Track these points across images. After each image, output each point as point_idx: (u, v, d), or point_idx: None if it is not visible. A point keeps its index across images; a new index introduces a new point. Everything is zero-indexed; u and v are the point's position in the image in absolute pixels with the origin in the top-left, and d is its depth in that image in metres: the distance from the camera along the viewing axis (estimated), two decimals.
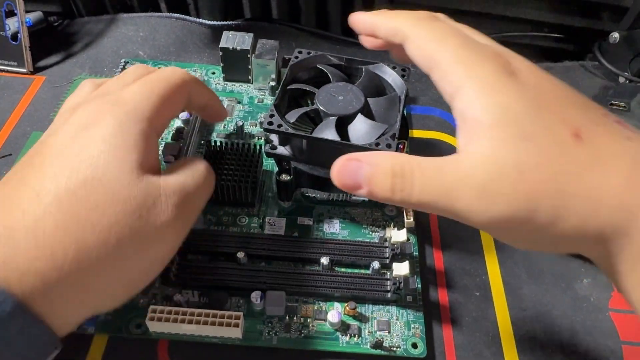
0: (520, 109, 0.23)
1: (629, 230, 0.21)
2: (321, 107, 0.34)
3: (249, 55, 0.45)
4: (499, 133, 0.22)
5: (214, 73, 0.49)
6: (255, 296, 0.33)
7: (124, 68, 0.48)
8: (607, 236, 0.21)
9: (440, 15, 0.30)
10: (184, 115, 0.43)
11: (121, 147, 0.25)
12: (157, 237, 0.26)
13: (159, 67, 0.34)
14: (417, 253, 0.37)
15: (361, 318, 0.33)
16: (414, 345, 0.32)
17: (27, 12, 0.49)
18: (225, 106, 0.46)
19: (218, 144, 0.38)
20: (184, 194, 0.28)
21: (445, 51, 0.26)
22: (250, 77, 0.47)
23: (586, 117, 0.23)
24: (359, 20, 0.31)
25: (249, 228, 0.37)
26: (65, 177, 0.24)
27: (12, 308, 0.21)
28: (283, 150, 0.36)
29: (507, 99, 0.23)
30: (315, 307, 0.34)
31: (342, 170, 0.25)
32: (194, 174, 0.29)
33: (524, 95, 0.23)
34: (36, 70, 0.49)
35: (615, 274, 0.22)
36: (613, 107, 0.50)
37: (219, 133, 0.44)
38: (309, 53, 0.38)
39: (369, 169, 0.24)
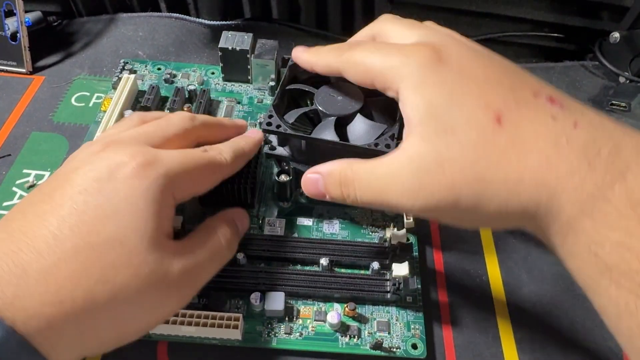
0: (443, 102, 0.24)
1: (551, 207, 0.22)
2: (320, 108, 0.34)
3: (248, 56, 0.45)
4: (423, 130, 0.25)
5: (213, 73, 0.49)
6: (255, 297, 0.32)
7: (123, 68, 0.48)
8: (531, 214, 0.23)
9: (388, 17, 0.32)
10: None
11: (144, 213, 0.26)
12: (161, 302, 0.27)
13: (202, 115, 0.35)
14: (417, 253, 0.37)
15: (361, 319, 0.33)
16: (414, 346, 0.32)
17: (26, 12, 0.49)
18: (224, 106, 0.46)
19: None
20: (194, 269, 0.28)
21: (374, 66, 0.27)
22: (249, 77, 0.47)
23: (511, 99, 0.24)
24: (300, 60, 0.34)
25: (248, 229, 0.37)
26: (87, 231, 0.24)
27: (16, 346, 0.22)
28: (282, 150, 0.36)
29: (431, 93, 0.25)
30: (315, 308, 0.34)
31: (306, 182, 0.30)
32: (209, 249, 0.29)
33: (448, 85, 0.25)
34: (35, 70, 0.49)
35: (550, 245, 0.24)
36: (613, 107, 0.50)
37: None
38: None
39: (324, 179, 0.29)
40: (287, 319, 0.33)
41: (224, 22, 0.55)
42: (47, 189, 0.26)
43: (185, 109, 0.44)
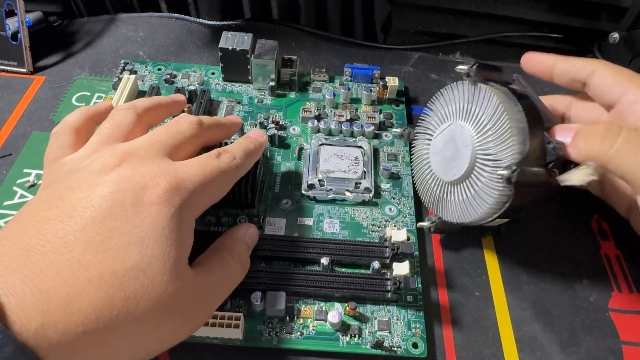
0: None
1: None
2: None
3: (248, 56, 0.46)
4: None
5: (213, 73, 0.49)
6: (256, 297, 0.33)
7: (123, 68, 0.48)
8: None
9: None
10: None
11: (168, 241, 0.25)
12: (176, 329, 0.27)
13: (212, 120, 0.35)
14: (417, 253, 0.37)
15: (361, 318, 0.33)
16: (415, 345, 0.32)
17: (27, 12, 0.49)
18: (224, 107, 0.46)
19: (218, 144, 0.38)
20: (210, 296, 0.28)
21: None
22: (249, 78, 0.47)
23: None
24: (535, 60, 0.37)
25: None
26: (112, 258, 0.24)
27: None
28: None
29: None
30: (316, 308, 0.34)
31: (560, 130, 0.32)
32: (224, 273, 0.30)
33: None
34: (36, 70, 0.49)
35: None
36: None
37: None
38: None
39: (585, 129, 0.31)
40: (288, 318, 0.33)
41: (224, 22, 0.56)
42: (61, 204, 0.25)
43: (186, 109, 0.44)
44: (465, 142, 0.33)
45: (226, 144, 0.37)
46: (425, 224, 0.37)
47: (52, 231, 0.24)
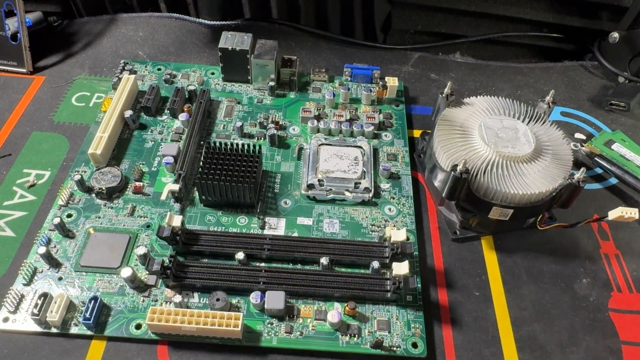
0: None
1: None
2: None
3: (248, 56, 0.46)
4: None
5: (213, 73, 0.49)
6: (255, 296, 0.33)
7: (123, 68, 0.48)
8: None
9: None
10: (183, 116, 0.43)
11: None
12: None
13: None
14: (417, 253, 0.37)
15: (361, 318, 0.33)
16: (414, 345, 0.32)
17: (26, 12, 0.49)
18: (224, 107, 0.46)
19: (218, 144, 0.38)
20: None
21: None
22: (249, 77, 0.47)
23: None
24: None
25: (248, 228, 0.37)
26: None
27: None
28: None
29: None
30: (315, 307, 0.34)
31: None
32: None
33: None
34: (36, 70, 0.49)
35: None
36: (613, 106, 0.50)
37: (219, 134, 0.44)
38: None
39: None
40: (287, 318, 0.33)
41: (224, 22, 0.56)
42: None
43: (186, 109, 0.44)
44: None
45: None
46: None
47: None
